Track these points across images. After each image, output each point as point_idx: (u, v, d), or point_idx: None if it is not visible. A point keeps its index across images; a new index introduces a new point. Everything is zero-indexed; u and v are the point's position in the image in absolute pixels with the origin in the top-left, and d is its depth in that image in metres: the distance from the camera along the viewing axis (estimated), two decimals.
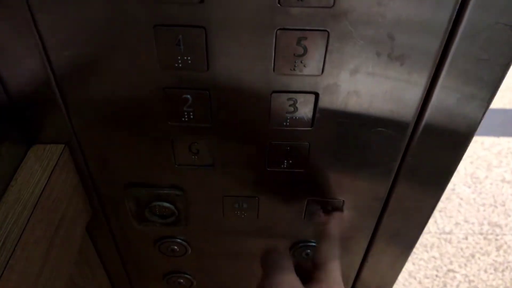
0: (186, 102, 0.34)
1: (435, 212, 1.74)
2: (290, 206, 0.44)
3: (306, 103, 0.34)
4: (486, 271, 1.56)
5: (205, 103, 0.34)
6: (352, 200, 0.42)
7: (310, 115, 0.35)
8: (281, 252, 0.42)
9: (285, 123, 0.36)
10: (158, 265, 0.53)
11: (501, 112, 2.22)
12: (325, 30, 0.29)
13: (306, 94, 0.34)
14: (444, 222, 1.72)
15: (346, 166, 0.39)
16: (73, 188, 0.41)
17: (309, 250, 0.48)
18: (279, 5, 0.28)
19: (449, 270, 1.57)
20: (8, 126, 0.37)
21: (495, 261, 1.59)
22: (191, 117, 0.35)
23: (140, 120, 0.36)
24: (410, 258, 1.61)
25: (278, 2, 0.28)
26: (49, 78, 0.34)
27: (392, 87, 0.33)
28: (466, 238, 1.66)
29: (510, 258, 1.60)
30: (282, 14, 0.29)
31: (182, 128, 0.36)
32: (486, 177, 1.88)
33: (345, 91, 0.33)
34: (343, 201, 0.42)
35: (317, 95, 0.34)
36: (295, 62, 0.31)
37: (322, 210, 0.43)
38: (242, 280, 0.56)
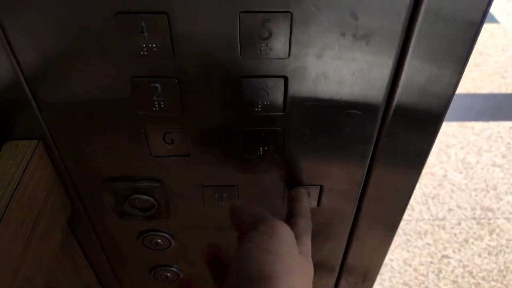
0: (155, 91, 0.34)
1: (428, 199, 1.76)
2: (269, 193, 0.44)
3: (276, 88, 0.34)
4: (480, 256, 1.57)
5: (174, 91, 0.34)
6: (330, 185, 0.42)
7: (281, 100, 0.35)
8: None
9: (256, 109, 0.35)
10: (143, 259, 0.53)
11: (490, 96, 2.23)
12: (288, 12, 0.29)
13: (275, 78, 0.33)
14: (437, 208, 1.72)
15: (321, 151, 0.39)
16: (50, 183, 0.41)
17: None
18: None
19: (443, 256, 1.58)
20: None
21: (489, 245, 1.60)
22: (162, 106, 0.35)
23: (111, 112, 0.36)
24: (404, 245, 1.62)
25: None
26: (17, 75, 0.33)
27: (359, 68, 0.33)
28: (459, 224, 1.67)
29: (503, 241, 1.61)
30: None
31: (154, 118, 0.36)
32: (477, 162, 1.89)
33: (313, 74, 0.33)
34: (321, 186, 0.42)
35: (286, 79, 0.34)
36: (261, 46, 0.31)
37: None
38: None
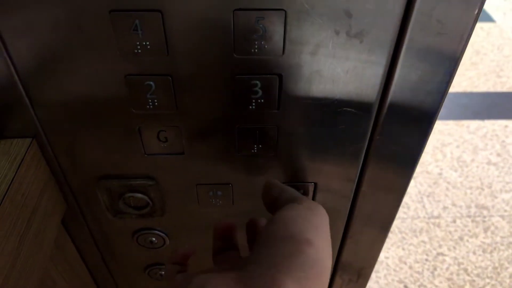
0: (149, 89, 0.34)
1: (423, 197, 1.76)
2: None
3: (270, 86, 0.34)
4: (474, 253, 1.58)
5: (168, 89, 0.34)
6: (324, 182, 0.43)
7: (276, 98, 0.35)
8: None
9: (251, 107, 0.35)
10: (138, 257, 0.53)
11: (485, 95, 2.24)
12: (281, 9, 0.29)
13: (269, 76, 0.34)
14: (432, 206, 1.73)
15: (315, 148, 0.39)
16: (44, 181, 0.41)
17: None
18: None
19: (438, 254, 1.59)
20: None
21: (483, 242, 1.61)
22: (156, 104, 0.35)
23: (105, 110, 0.36)
24: (400, 243, 1.62)
25: None
26: (11, 73, 0.33)
27: (353, 66, 0.33)
28: (454, 221, 1.68)
29: (498, 239, 1.62)
30: None
31: (148, 116, 0.36)
32: (473, 160, 1.90)
33: (307, 72, 0.33)
34: (316, 183, 0.43)
35: (280, 77, 0.34)
36: (255, 43, 0.31)
37: None
38: None
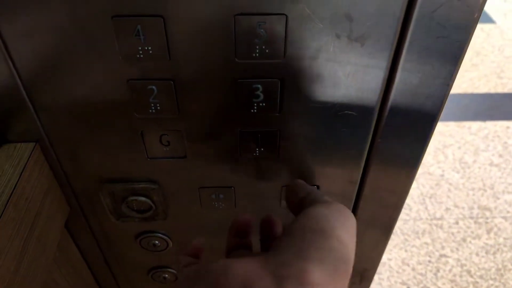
0: (151, 93, 0.34)
1: (426, 198, 1.76)
2: (266, 194, 0.44)
3: (271, 89, 0.34)
4: (477, 254, 1.58)
5: (170, 93, 0.34)
6: (326, 185, 0.43)
7: (277, 101, 0.35)
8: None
9: (252, 110, 0.36)
10: (141, 260, 0.53)
11: (486, 96, 2.24)
12: (283, 14, 0.30)
13: (271, 80, 0.34)
14: (434, 208, 1.73)
15: (317, 151, 0.39)
16: (47, 185, 0.41)
17: None
18: None
19: (441, 255, 1.59)
20: None
21: (486, 244, 1.61)
22: (158, 108, 0.35)
23: (108, 114, 0.36)
24: (402, 245, 1.62)
25: None
26: (14, 78, 0.34)
27: (354, 70, 0.33)
28: (457, 223, 1.68)
29: (501, 240, 1.61)
30: None
31: (151, 120, 0.36)
32: (474, 161, 1.89)
33: (309, 75, 0.33)
34: (318, 186, 0.43)
35: (282, 81, 0.34)
36: (257, 48, 0.31)
37: None
38: None
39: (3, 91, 0.35)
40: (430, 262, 1.56)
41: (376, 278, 1.51)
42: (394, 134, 0.38)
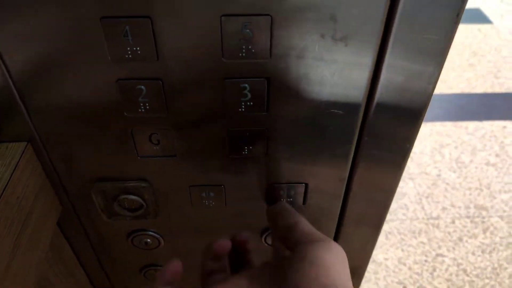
0: (140, 93, 0.35)
1: (422, 198, 1.77)
2: (257, 192, 0.44)
3: (259, 88, 0.35)
4: (474, 254, 1.59)
5: (159, 93, 0.35)
6: (315, 183, 0.43)
7: (264, 100, 0.36)
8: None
9: (240, 109, 0.36)
10: (133, 258, 0.54)
11: (483, 96, 2.25)
12: (268, 15, 0.30)
13: (257, 79, 0.34)
14: (431, 207, 1.73)
15: (305, 149, 0.40)
16: (39, 184, 0.42)
17: None
18: None
19: (437, 255, 1.59)
20: None
21: (482, 243, 1.61)
22: (147, 107, 0.36)
23: (98, 114, 0.37)
24: (399, 244, 1.63)
25: None
26: (5, 78, 0.34)
27: (340, 68, 0.33)
28: (453, 222, 1.68)
29: (497, 239, 1.62)
30: (225, 0, 0.29)
31: (140, 119, 0.37)
32: (471, 161, 1.90)
33: (295, 74, 0.34)
34: (306, 184, 0.43)
35: (268, 80, 0.34)
36: (243, 48, 0.32)
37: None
38: None
39: None
40: (426, 261, 1.57)
41: (372, 277, 1.52)
42: (381, 132, 0.38)
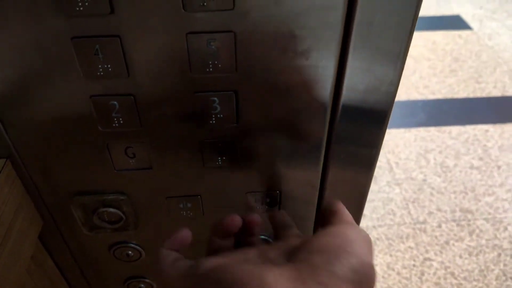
0: (113, 108, 0.36)
1: (409, 203, 1.79)
2: (232, 200, 0.46)
3: (227, 101, 0.36)
4: (461, 257, 1.60)
5: (131, 108, 0.36)
6: (288, 190, 0.45)
7: (234, 112, 0.37)
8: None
9: (211, 121, 0.38)
10: (116, 270, 0.55)
11: (465, 101, 2.29)
12: (231, 31, 0.32)
13: (226, 92, 0.36)
14: (417, 212, 1.76)
15: (276, 158, 0.41)
16: (19, 200, 0.43)
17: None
18: (184, 10, 0.31)
19: (425, 259, 1.61)
20: None
21: (469, 246, 1.64)
22: (121, 122, 0.37)
23: (74, 129, 0.38)
24: (387, 250, 1.64)
25: (183, 8, 0.30)
26: None
27: (303, 80, 0.35)
28: (440, 226, 1.70)
29: (483, 242, 1.64)
30: (189, 19, 0.31)
31: (115, 133, 0.38)
32: (455, 165, 1.93)
33: (261, 87, 0.36)
34: (280, 192, 0.45)
35: (236, 93, 0.36)
36: (210, 63, 0.34)
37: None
38: None
39: None
40: (414, 266, 1.58)
41: None
42: (348, 138, 0.40)
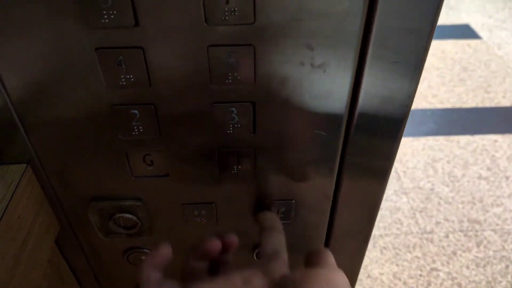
0: (134, 117, 0.37)
1: (416, 212, 1.79)
2: (247, 209, 0.46)
3: (245, 111, 0.37)
4: (468, 267, 1.60)
5: (151, 117, 0.37)
6: (302, 199, 0.45)
7: (251, 122, 0.38)
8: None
9: (229, 131, 0.38)
10: (129, 275, 0.55)
11: (474, 110, 2.28)
12: (250, 45, 0.33)
13: (244, 103, 0.37)
14: (425, 222, 1.75)
15: (291, 167, 0.42)
16: (38, 204, 0.44)
17: None
18: (207, 24, 0.31)
19: (432, 269, 1.60)
20: None
21: (476, 256, 1.63)
22: (141, 130, 0.38)
23: (94, 136, 0.39)
24: (394, 259, 1.64)
25: (205, 22, 0.31)
26: (5, 102, 0.36)
27: (320, 93, 0.36)
28: (447, 236, 1.70)
29: (491, 253, 1.63)
30: (210, 32, 0.32)
31: (134, 141, 0.39)
32: (463, 175, 1.92)
33: (279, 98, 0.36)
34: (294, 201, 0.45)
35: (254, 104, 0.37)
36: (229, 74, 0.34)
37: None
38: None
39: None
40: (421, 275, 1.58)
41: None
42: (362, 148, 0.41)
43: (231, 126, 0.38)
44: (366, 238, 0.51)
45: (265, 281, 0.32)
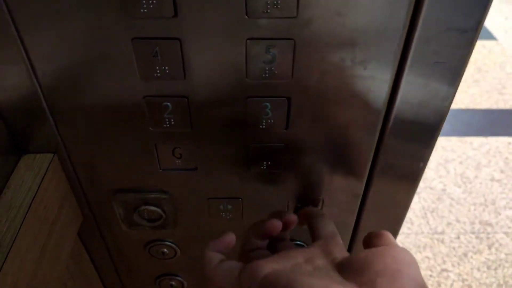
0: (166, 109, 0.36)
1: (427, 212, 1.77)
2: (273, 206, 0.46)
3: (279, 107, 0.36)
4: (479, 270, 1.58)
5: (184, 110, 0.36)
6: (331, 198, 0.45)
7: (285, 118, 0.37)
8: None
9: (261, 126, 0.38)
10: (149, 267, 0.55)
11: (488, 112, 2.26)
12: (291, 39, 0.32)
13: (279, 98, 0.36)
14: (436, 222, 1.74)
15: (322, 166, 0.41)
16: (63, 194, 0.43)
17: None
18: (247, 16, 0.31)
19: (442, 270, 1.59)
20: None
21: (488, 259, 1.61)
22: (172, 123, 0.37)
23: (124, 128, 0.38)
24: None
25: (246, 14, 0.30)
26: (36, 91, 0.36)
27: (358, 90, 0.35)
28: (458, 238, 1.68)
29: (502, 256, 1.62)
30: (250, 25, 0.31)
31: (164, 134, 0.38)
32: (476, 176, 1.90)
33: (315, 95, 0.35)
34: (323, 199, 0.45)
35: (289, 99, 0.36)
36: (266, 69, 0.34)
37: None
38: None
39: (26, 104, 0.37)
40: (431, 276, 1.57)
41: None
42: (396, 150, 0.40)
43: (264, 121, 0.37)
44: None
45: (327, 260, 0.31)
